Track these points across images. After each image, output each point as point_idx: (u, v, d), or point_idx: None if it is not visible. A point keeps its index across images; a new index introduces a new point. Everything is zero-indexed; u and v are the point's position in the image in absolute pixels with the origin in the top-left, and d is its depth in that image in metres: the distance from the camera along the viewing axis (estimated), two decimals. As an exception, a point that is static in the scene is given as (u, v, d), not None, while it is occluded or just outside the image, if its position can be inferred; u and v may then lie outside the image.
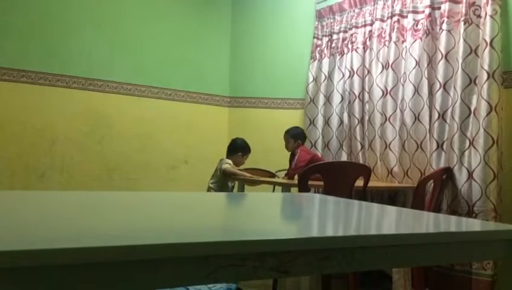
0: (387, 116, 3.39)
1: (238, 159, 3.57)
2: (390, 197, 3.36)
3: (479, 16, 2.80)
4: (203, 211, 1.29)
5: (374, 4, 3.64)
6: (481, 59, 2.73)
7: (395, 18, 3.38)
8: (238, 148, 3.60)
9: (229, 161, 3.50)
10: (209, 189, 3.50)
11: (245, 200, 1.71)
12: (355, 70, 3.73)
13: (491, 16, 2.69)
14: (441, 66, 3.00)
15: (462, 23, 2.86)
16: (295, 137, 3.44)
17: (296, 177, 2.98)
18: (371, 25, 3.65)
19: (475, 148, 2.71)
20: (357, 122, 3.68)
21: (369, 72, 3.61)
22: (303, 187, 2.58)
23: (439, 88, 3.00)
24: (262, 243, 0.76)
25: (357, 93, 3.70)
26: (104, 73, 3.91)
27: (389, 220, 1.26)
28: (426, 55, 3.11)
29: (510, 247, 0.99)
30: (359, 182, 2.76)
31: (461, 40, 2.85)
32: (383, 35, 3.50)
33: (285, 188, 2.90)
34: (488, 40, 2.68)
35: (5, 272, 0.58)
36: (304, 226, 1.10)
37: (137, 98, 4.07)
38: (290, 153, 3.50)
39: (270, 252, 0.75)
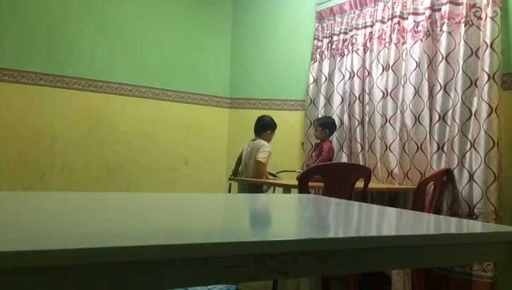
0: (388, 117, 3.38)
1: (267, 137, 3.57)
2: (390, 198, 3.36)
3: (480, 18, 2.80)
4: (203, 212, 1.29)
5: (375, 6, 3.64)
6: (481, 61, 2.73)
7: (396, 20, 3.38)
8: (266, 126, 3.59)
9: (269, 149, 3.44)
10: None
11: (245, 202, 1.71)
12: (355, 72, 3.73)
13: (491, 18, 2.69)
14: (441, 68, 3.00)
15: (463, 24, 2.86)
16: (323, 126, 3.61)
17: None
18: (372, 26, 3.65)
19: (476, 150, 2.71)
20: (357, 123, 3.68)
21: (369, 73, 3.61)
22: (303, 189, 2.58)
23: (440, 90, 3.00)
24: (262, 245, 0.76)
25: (357, 95, 3.70)
26: (105, 74, 3.91)
27: (389, 222, 1.26)
28: (426, 56, 3.11)
29: (510, 249, 0.99)
30: (359, 184, 2.76)
31: (462, 41, 2.85)
32: (384, 37, 3.51)
33: (286, 189, 2.90)
34: (488, 42, 2.68)
35: (7, 273, 0.58)
36: (304, 227, 1.10)
37: (137, 99, 4.08)
38: (316, 141, 3.69)
39: (270, 254, 0.75)
